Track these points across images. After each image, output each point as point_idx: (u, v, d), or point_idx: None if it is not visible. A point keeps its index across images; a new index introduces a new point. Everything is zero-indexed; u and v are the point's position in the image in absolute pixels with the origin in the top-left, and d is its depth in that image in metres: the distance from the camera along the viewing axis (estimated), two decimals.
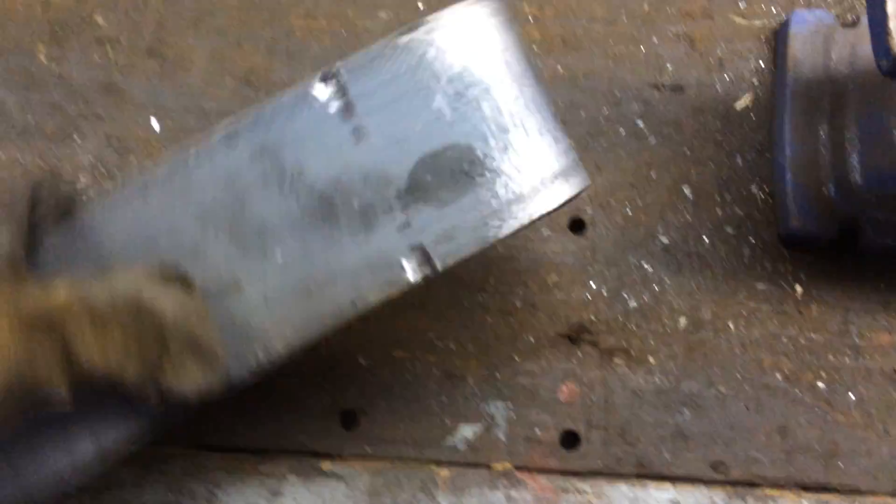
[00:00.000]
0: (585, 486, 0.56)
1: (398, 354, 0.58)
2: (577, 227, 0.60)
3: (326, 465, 0.56)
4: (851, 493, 0.56)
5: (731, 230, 0.59)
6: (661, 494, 0.56)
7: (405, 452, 0.57)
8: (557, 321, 0.58)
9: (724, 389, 0.57)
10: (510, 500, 0.56)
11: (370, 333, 0.57)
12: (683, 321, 0.58)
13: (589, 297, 0.59)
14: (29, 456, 0.44)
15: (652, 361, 0.58)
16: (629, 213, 0.60)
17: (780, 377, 0.57)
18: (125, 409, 0.43)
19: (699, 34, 0.62)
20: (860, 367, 0.57)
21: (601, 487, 0.56)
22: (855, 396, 0.57)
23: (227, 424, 0.56)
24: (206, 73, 0.62)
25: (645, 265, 0.59)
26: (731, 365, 0.58)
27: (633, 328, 0.58)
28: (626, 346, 0.58)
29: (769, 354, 0.58)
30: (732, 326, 0.58)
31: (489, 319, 0.59)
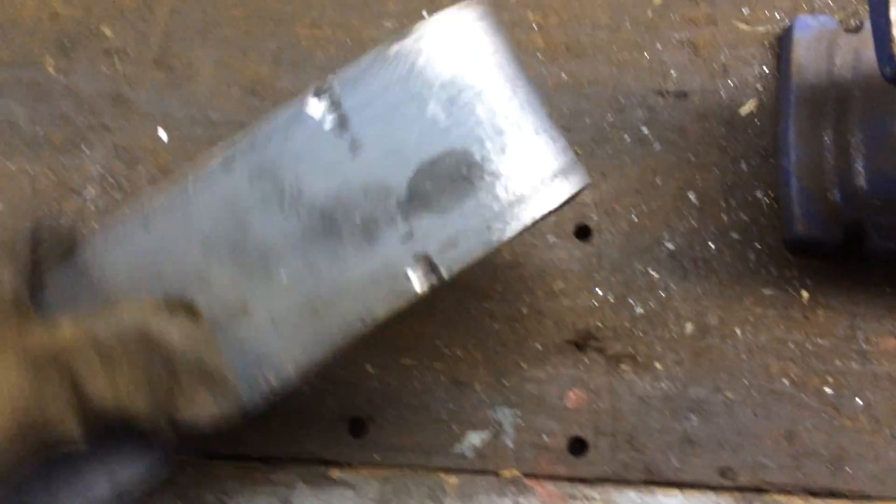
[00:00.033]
0: (594, 492, 0.56)
1: (405, 362, 0.58)
2: (582, 233, 0.60)
3: (335, 472, 0.56)
4: (859, 498, 0.56)
5: (736, 236, 0.60)
6: (669, 501, 0.56)
7: (413, 460, 0.57)
8: (564, 328, 0.59)
9: (731, 395, 0.57)
10: None
11: (377, 341, 0.58)
12: (690, 327, 0.58)
13: (595, 303, 0.59)
14: (44, 500, 0.43)
15: (659, 367, 0.58)
16: (635, 219, 0.60)
17: (787, 382, 0.58)
18: (139, 445, 0.43)
19: (703, 40, 0.62)
20: (867, 371, 0.58)
21: (609, 494, 0.56)
22: (862, 401, 0.57)
23: (235, 433, 0.56)
24: (212, 82, 0.62)
25: (651, 271, 0.59)
26: (738, 370, 0.58)
27: (639, 334, 0.58)
28: (632, 352, 0.58)
29: (776, 360, 0.58)
30: (739, 332, 0.58)
31: (496, 326, 0.59)
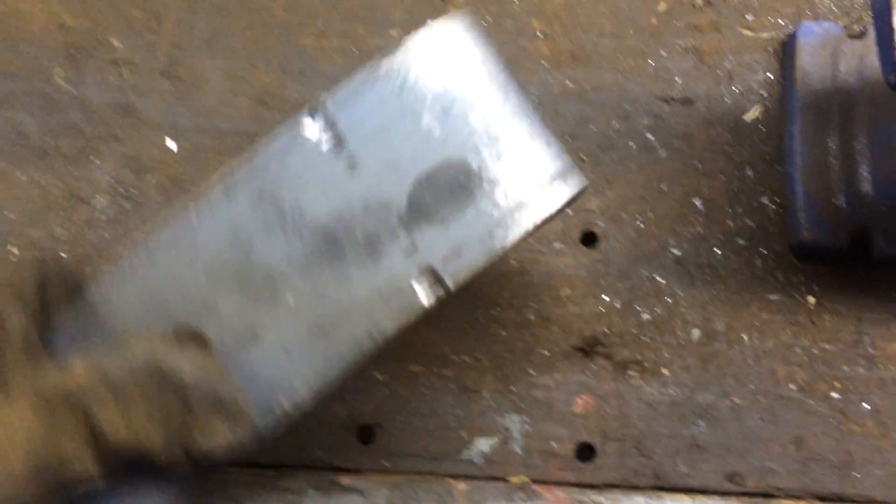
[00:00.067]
0: (602, 498, 0.56)
1: (414, 369, 0.59)
2: (589, 240, 0.60)
3: (345, 479, 0.57)
4: (867, 503, 0.56)
5: (742, 242, 0.60)
6: None
7: (422, 466, 0.57)
8: (571, 334, 0.59)
9: (738, 401, 0.58)
10: None
11: (385, 349, 0.58)
12: (697, 333, 0.59)
13: (602, 309, 0.59)
14: None
15: (666, 373, 0.58)
16: (641, 225, 0.60)
17: (794, 388, 0.58)
18: (157, 479, 0.43)
19: (707, 47, 0.63)
20: (874, 376, 0.58)
21: (617, 500, 0.56)
22: (869, 406, 0.57)
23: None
24: (220, 93, 0.63)
25: (657, 277, 0.59)
26: (745, 376, 0.58)
27: (646, 340, 0.59)
28: (640, 358, 0.58)
29: (783, 365, 0.58)
30: (746, 338, 0.58)
31: (503, 333, 0.59)
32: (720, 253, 0.60)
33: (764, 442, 0.57)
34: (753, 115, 0.62)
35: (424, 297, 0.43)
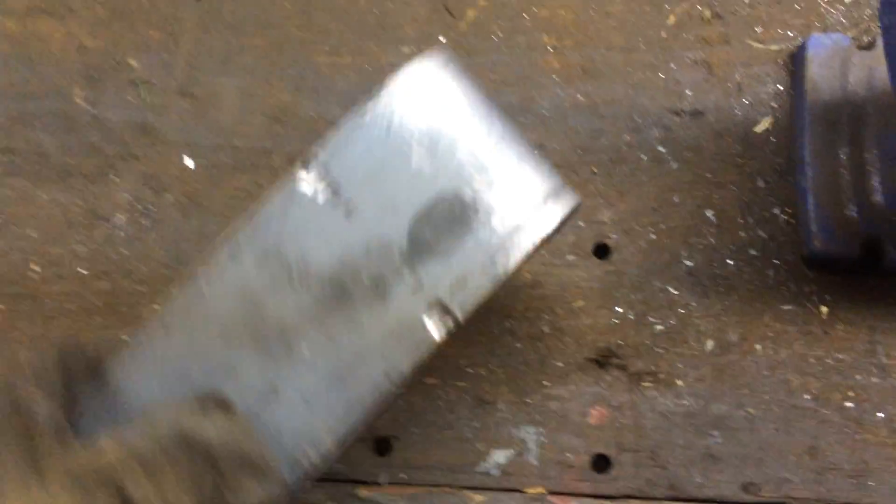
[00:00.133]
0: None
1: (429, 381, 0.59)
2: (601, 252, 0.61)
3: (363, 491, 0.57)
4: None
5: (754, 252, 0.60)
6: None
7: (439, 478, 0.58)
8: (585, 346, 0.59)
9: (752, 411, 0.58)
10: None
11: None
12: (710, 344, 0.59)
13: (616, 321, 0.60)
14: None
15: (680, 384, 0.58)
16: (653, 237, 0.61)
17: (808, 398, 0.58)
18: None
19: (717, 59, 0.63)
20: (888, 386, 0.58)
21: None
22: (883, 415, 0.57)
23: None
24: (236, 110, 0.63)
25: (670, 289, 0.60)
26: (759, 386, 0.58)
27: (660, 351, 0.59)
28: (654, 369, 0.59)
29: (797, 375, 0.58)
30: (759, 348, 0.59)
31: (518, 345, 0.60)
32: (732, 264, 0.60)
33: (779, 451, 0.57)
34: (764, 126, 0.62)
35: (435, 330, 0.44)
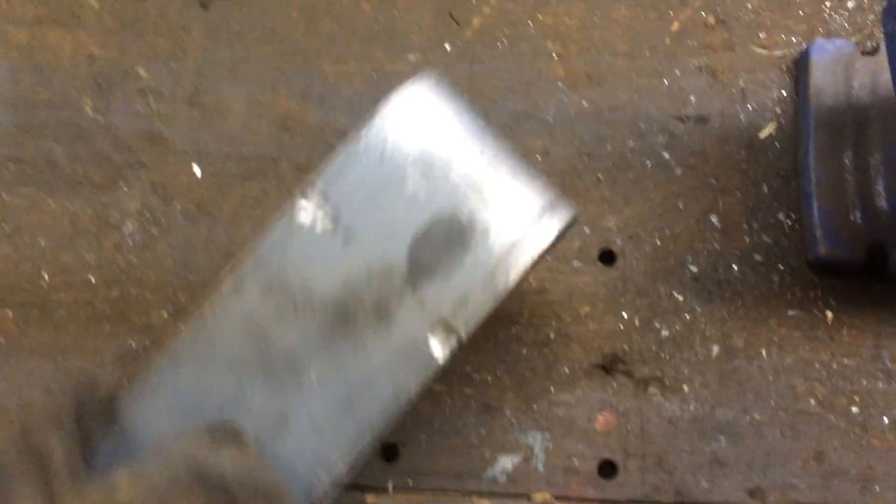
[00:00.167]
0: None
1: (436, 388, 0.59)
2: (606, 258, 0.61)
3: (371, 497, 0.58)
4: None
5: (759, 258, 0.60)
6: None
7: (446, 484, 0.58)
8: (591, 352, 0.60)
9: (758, 416, 0.58)
10: None
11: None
12: (716, 349, 0.59)
13: (621, 327, 0.60)
14: None
15: (686, 390, 0.59)
16: (658, 243, 0.61)
17: (813, 403, 0.58)
18: None
19: (721, 66, 0.63)
20: (893, 390, 0.58)
21: None
22: (889, 420, 0.58)
23: None
24: (243, 119, 0.64)
25: (676, 294, 0.60)
26: (764, 392, 0.58)
27: (666, 357, 0.59)
28: (660, 375, 0.59)
29: (802, 380, 0.58)
30: (765, 353, 0.59)
31: (524, 351, 0.60)
32: (738, 269, 0.60)
33: (785, 457, 0.57)
34: (768, 132, 0.62)
35: (440, 350, 0.45)
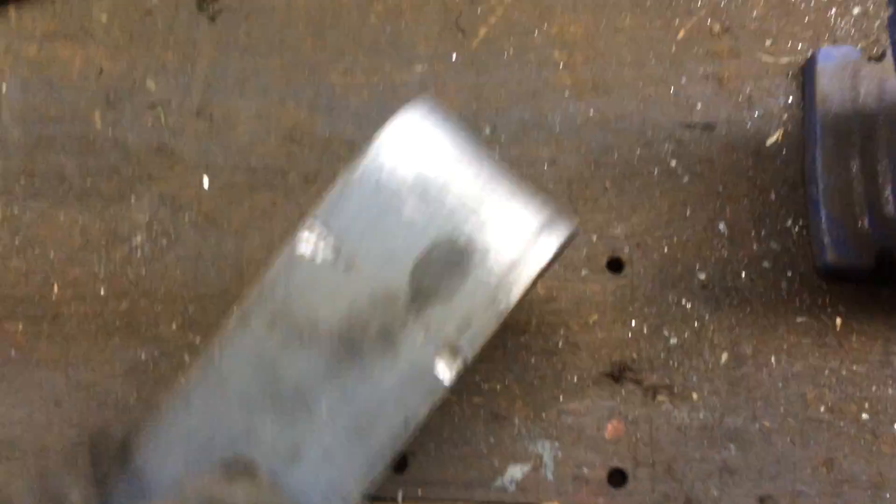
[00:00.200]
0: None
1: None
2: (615, 266, 0.61)
3: None
4: None
5: (767, 265, 0.60)
6: None
7: (456, 494, 0.58)
8: (600, 360, 0.60)
9: (768, 424, 0.58)
10: None
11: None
12: (725, 356, 0.59)
13: (630, 335, 0.60)
14: None
15: (695, 398, 0.59)
16: (666, 251, 0.61)
17: (823, 410, 0.58)
18: None
19: (727, 73, 0.64)
20: None
21: None
22: None
23: None
24: (251, 131, 0.64)
25: (684, 302, 0.60)
26: (774, 399, 0.58)
27: (674, 365, 0.59)
28: (669, 382, 0.59)
29: (812, 387, 0.58)
30: (774, 360, 0.59)
31: (533, 360, 0.60)
32: (746, 276, 0.60)
33: (795, 464, 0.57)
34: (775, 139, 0.62)
35: (446, 373, 0.45)
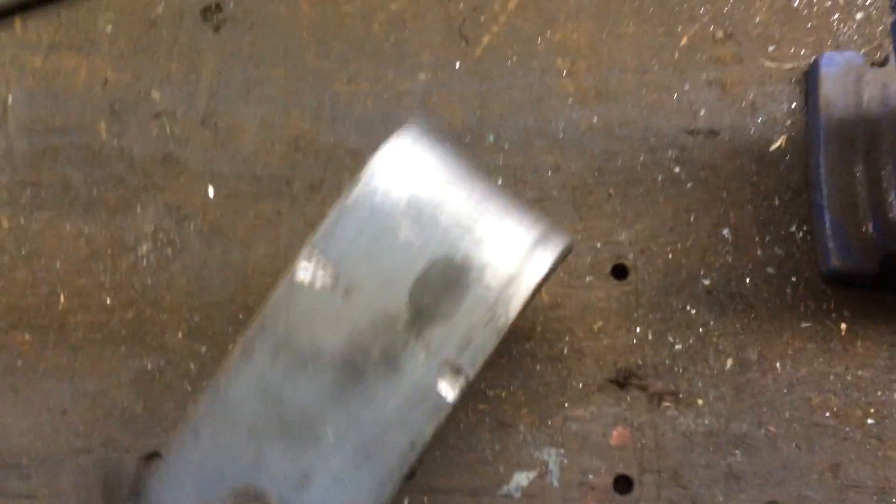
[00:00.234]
0: None
1: None
2: (619, 272, 0.61)
3: None
4: None
5: (772, 270, 0.60)
6: None
7: (461, 501, 0.58)
8: (605, 366, 0.60)
9: (773, 429, 0.58)
10: None
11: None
12: (730, 362, 0.59)
13: (635, 341, 0.60)
14: None
15: (700, 403, 0.59)
16: (670, 257, 0.61)
17: (829, 415, 0.58)
18: None
19: (730, 79, 0.64)
20: None
21: None
22: None
23: None
24: (256, 140, 0.65)
25: (689, 308, 0.60)
26: (779, 404, 0.58)
27: (680, 371, 0.59)
28: (674, 389, 0.59)
29: (817, 393, 0.58)
30: (779, 366, 0.59)
31: (538, 367, 0.60)
32: (750, 282, 0.60)
33: (800, 470, 0.57)
34: (778, 144, 0.62)
35: (450, 391, 0.45)
